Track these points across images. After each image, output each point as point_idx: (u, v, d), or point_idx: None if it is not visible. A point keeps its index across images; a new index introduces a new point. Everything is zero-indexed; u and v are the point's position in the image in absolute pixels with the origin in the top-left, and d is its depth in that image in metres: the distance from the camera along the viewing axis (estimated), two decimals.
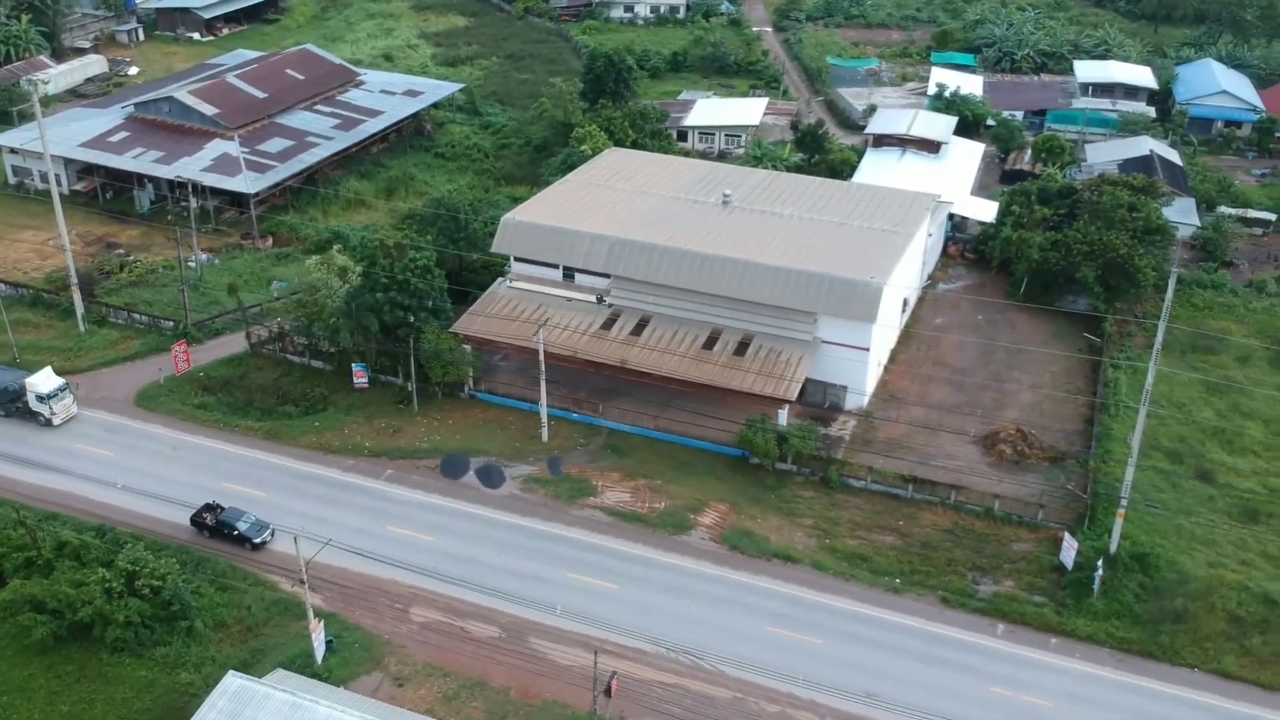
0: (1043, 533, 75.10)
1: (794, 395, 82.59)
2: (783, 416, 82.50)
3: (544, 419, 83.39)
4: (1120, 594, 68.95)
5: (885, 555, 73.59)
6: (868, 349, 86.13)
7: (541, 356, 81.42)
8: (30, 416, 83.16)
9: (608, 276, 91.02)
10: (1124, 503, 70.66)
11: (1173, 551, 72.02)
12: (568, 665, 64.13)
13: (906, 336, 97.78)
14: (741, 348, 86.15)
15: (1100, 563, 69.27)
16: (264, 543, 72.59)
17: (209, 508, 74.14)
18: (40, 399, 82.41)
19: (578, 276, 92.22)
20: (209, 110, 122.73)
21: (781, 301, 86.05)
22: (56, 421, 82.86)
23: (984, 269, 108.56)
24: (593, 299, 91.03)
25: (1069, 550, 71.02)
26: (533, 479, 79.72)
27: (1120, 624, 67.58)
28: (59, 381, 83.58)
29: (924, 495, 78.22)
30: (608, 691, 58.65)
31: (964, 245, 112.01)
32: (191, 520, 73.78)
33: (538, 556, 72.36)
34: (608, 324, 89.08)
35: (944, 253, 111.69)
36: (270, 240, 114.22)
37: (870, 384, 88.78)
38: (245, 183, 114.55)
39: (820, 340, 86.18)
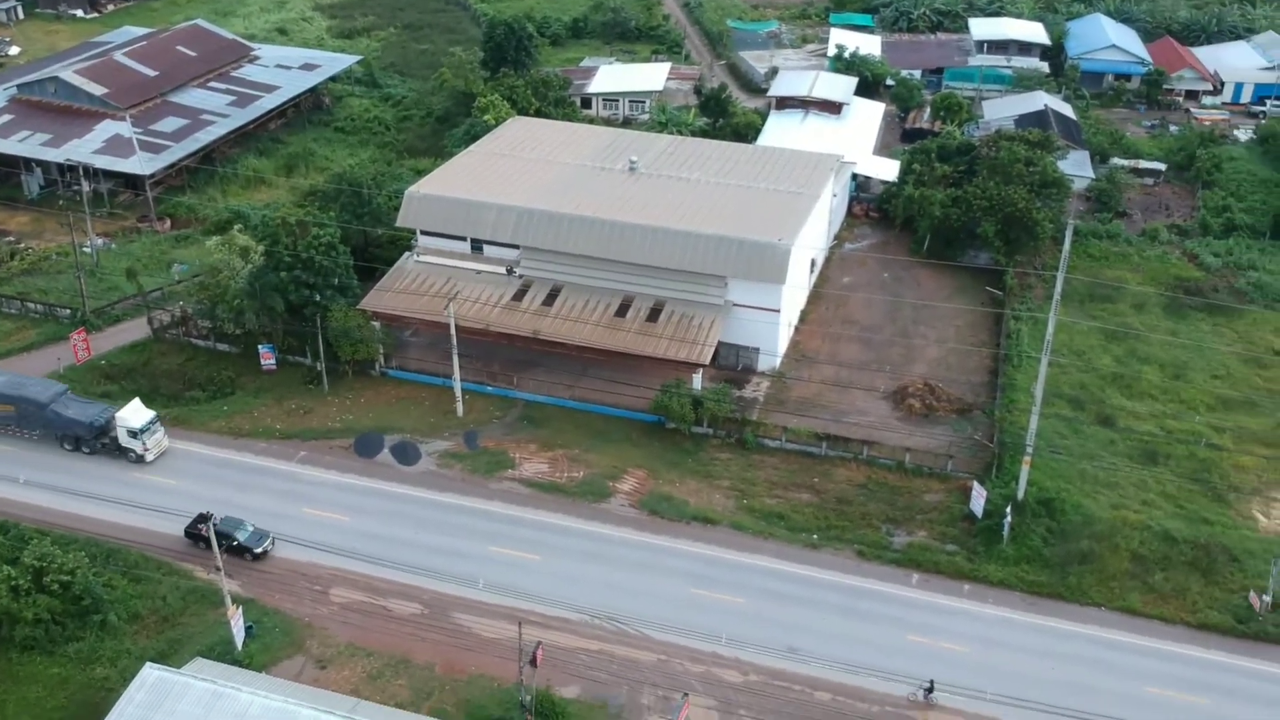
0: (953, 483, 76.95)
1: (707, 359, 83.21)
2: (697, 381, 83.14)
3: (458, 393, 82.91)
4: (1028, 539, 71.04)
5: (802, 512, 74.78)
6: (778, 310, 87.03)
7: (453, 330, 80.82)
8: (119, 452, 77.14)
9: (517, 248, 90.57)
10: (1029, 450, 72.66)
11: (1077, 495, 74.34)
12: (492, 638, 64.20)
13: (815, 296, 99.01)
14: (654, 314, 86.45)
15: (1008, 509, 71.26)
16: (265, 552, 69.76)
17: (203, 518, 69.78)
18: (132, 434, 76.36)
19: (486, 248, 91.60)
20: (97, 90, 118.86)
21: (691, 266, 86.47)
22: (150, 458, 76.98)
23: (888, 227, 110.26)
24: (502, 271, 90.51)
25: (978, 499, 72.92)
26: (449, 454, 79.31)
27: (1029, 568, 69.62)
28: (149, 414, 77.50)
29: (838, 452, 79.55)
30: (533, 661, 58.88)
31: (868, 205, 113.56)
32: (186, 532, 70.72)
33: (457, 532, 72.15)
34: (519, 295, 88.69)
35: (849, 213, 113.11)
36: (168, 222, 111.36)
37: (782, 345, 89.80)
38: (139, 164, 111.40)
39: (731, 304, 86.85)
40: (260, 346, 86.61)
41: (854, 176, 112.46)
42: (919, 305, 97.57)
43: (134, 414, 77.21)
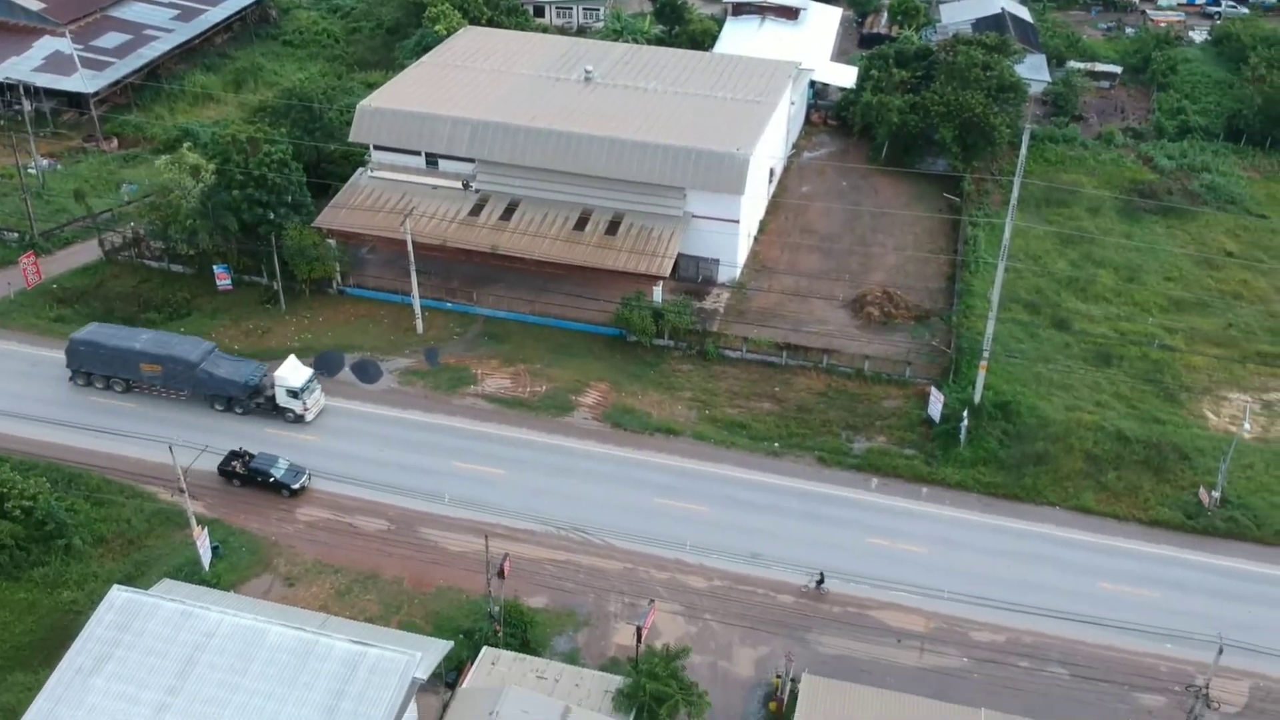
0: (911, 389, 77.93)
1: (667, 271, 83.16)
2: (657, 293, 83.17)
3: (417, 310, 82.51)
4: (985, 441, 72.29)
5: (763, 421, 75.57)
6: (737, 221, 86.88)
7: (410, 247, 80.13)
8: (275, 412, 73.93)
9: (472, 161, 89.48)
10: (986, 355, 73.59)
11: (1033, 398, 75.56)
12: (460, 552, 64.86)
13: (774, 206, 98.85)
14: (613, 227, 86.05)
15: (965, 413, 72.37)
16: (303, 488, 68.70)
17: (235, 455, 69.65)
18: (292, 394, 73.05)
19: (441, 163, 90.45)
20: (34, 5, 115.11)
21: (650, 178, 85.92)
22: (310, 417, 73.83)
23: (846, 135, 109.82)
24: (458, 185, 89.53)
25: (936, 404, 73.96)
26: (411, 371, 79.20)
27: (986, 470, 70.96)
28: (308, 372, 74.17)
29: (798, 361, 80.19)
30: (500, 573, 59.63)
31: (826, 112, 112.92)
32: (219, 470, 69.18)
33: (422, 448, 72.37)
34: (476, 210, 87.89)
35: (807, 120, 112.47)
36: (115, 142, 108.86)
37: (741, 256, 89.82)
38: (82, 82, 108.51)
39: (690, 215, 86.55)
40: (215, 267, 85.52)
41: (811, 84, 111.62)
42: (877, 213, 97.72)
43: (293, 372, 73.48)
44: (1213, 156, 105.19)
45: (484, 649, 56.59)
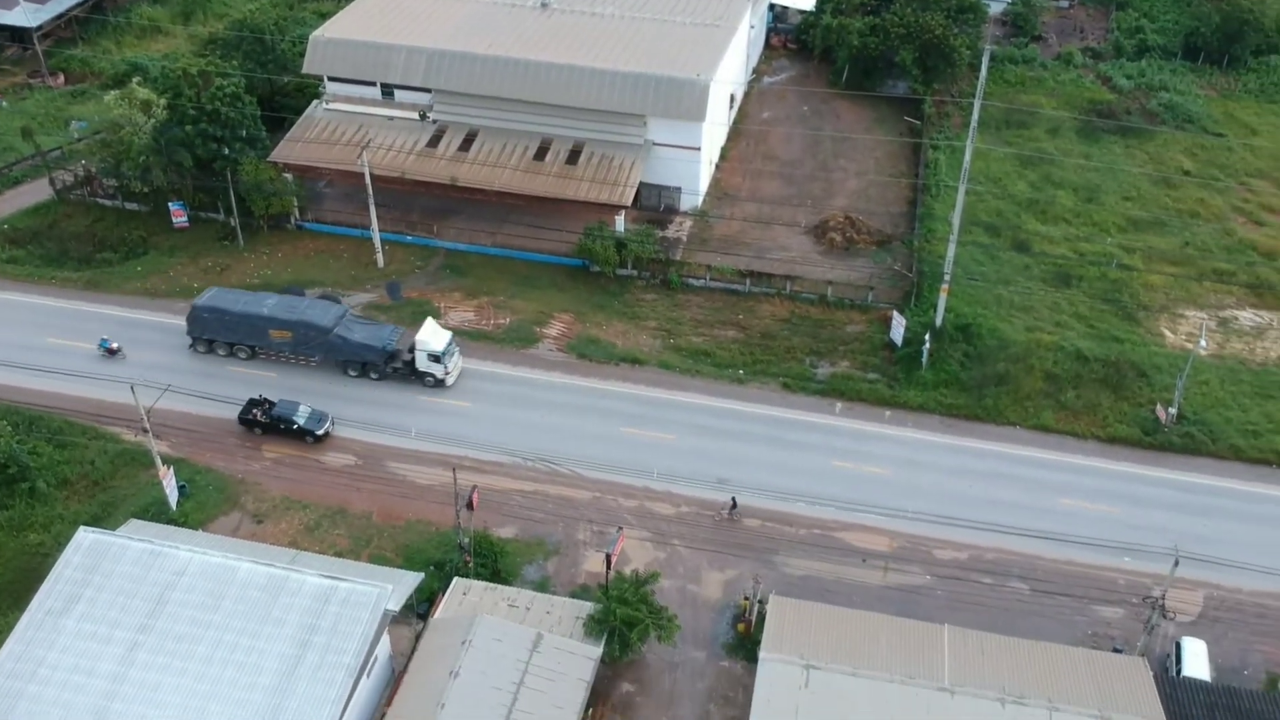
0: (873, 313, 78.39)
1: (629, 200, 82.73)
2: (619, 223, 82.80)
3: (377, 244, 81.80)
4: (946, 364, 73.05)
5: (728, 349, 75.90)
6: (699, 148, 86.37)
7: (368, 179, 79.21)
8: (415, 377, 71.42)
9: (429, 91, 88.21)
10: (947, 278, 74.01)
11: (993, 320, 76.27)
12: (428, 485, 65.10)
13: (735, 133, 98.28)
14: (573, 156, 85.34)
15: (927, 336, 73.01)
16: (326, 434, 67.76)
17: (255, 403, 68.50)
18: (434, 358, 70.53)
19: (397, 93, 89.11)
20: None
21: (610, 106, 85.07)
22: (450, 381, 71.44)
23: (807, 59, 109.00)
24: (415, 116, 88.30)
25: (898, 327, 74.51)
26: (373, 306, 78.70)
27: (948, 392, 71.77)
28: (447, 334, 71.63)
29: (761, 288, 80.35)
30: (469, 505, 59.96)
31: (786, 36, 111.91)
32: (240, 419, 68.38)
33: (386, 383, 72.17)
34: (434, 141, 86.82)
35: (766, 45, 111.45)
36: (62, 77, 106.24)
37: (703, 183, 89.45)
38: (24, 15, 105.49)
39: (651, 143, 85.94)
40: (170, 204, 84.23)
41: (771, 7, 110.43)
42: (839, 138, 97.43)
43: (434, 335, 70.96)
44: (1170, 75, 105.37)
45: (455, 580, 57.09)
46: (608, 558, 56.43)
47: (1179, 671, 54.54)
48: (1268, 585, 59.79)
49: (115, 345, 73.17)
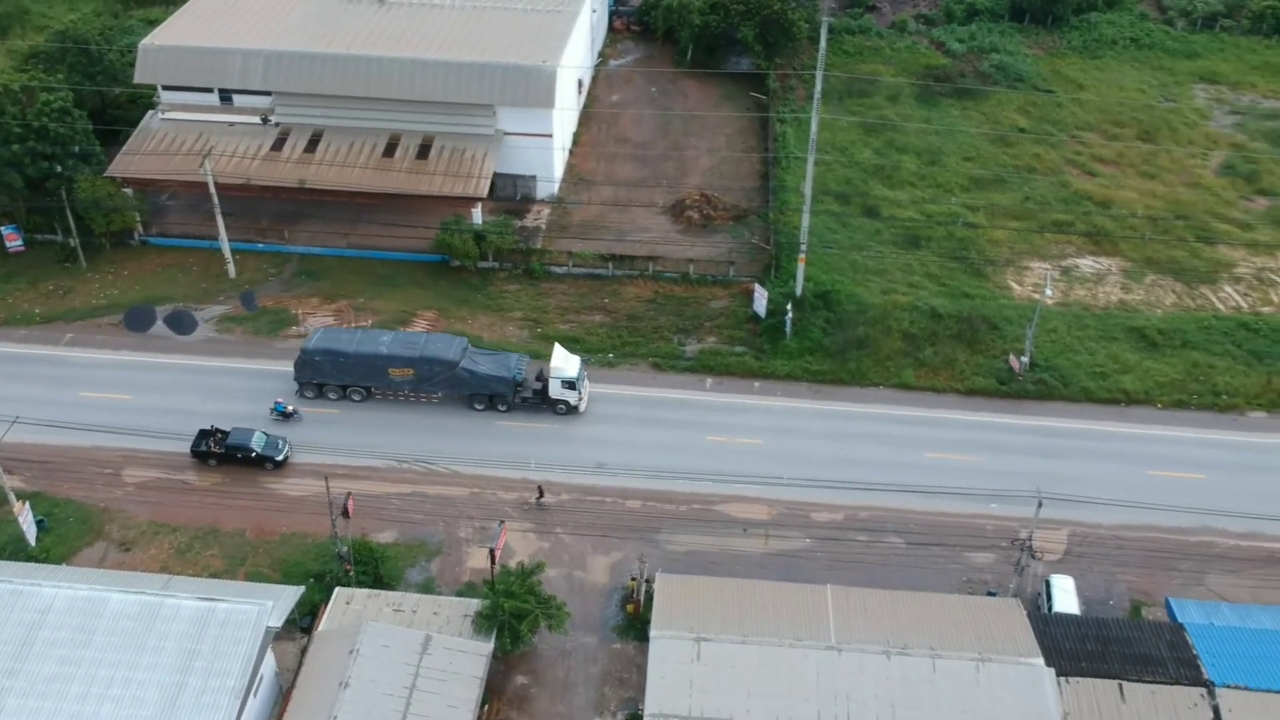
0: (736, 288, 79.56)
1: (484, 192, 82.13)
2: (477, 215, 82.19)
3: (227, 254, 79.49)
4: (810, 332, 74.62)
5: (596, 334, 76.10)
6: (551, 135, 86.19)
7: (212, 188, 76.86)
8: (546, 406, 68.84)
9: (269, 94, 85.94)
10: (803, 248, 75.53)
11: (850, 285, 78.16)
12: (301, 496, 63.73)
13: (586, 117, 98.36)
14: (424, 150, 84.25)
15: (789, 306, 74.44)
16: (286, 459, 65.32)
17: (206, 434, 65.26)
18: (568, 385, 68.15)
19: (236, 98, 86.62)
20: None
21: (458, 97, 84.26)
22: (582, 408, 69.00)
23: (651, 40, 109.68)
24: (257, 120, 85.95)
25: (760, 300, 75.79)
26: (228, 318, 76.57)
27: (813, 359, 73.33)
28: (578, 359, 69.16)
29: (624, 271, 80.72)
30: (345, 513, 58.83)
31: (628, 19, 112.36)
32: (193, 451, 65.57)
33: (249, 396, 70.26)
34: (278, 145, 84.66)
35: (610, 28, 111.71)
36: None
37: (558, 170, 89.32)
38: None
39: (502, 132, 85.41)
40: (3, 228, 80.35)
41: None
42: (688, 116, 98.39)
43: (566, 362, 68.44)
44: (1000, 37, 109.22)
45: (337, 590, 56.09)
46: (491, 552, 56.14)
47: (1050, 608, 56.93)
48: (1125, 518, 62.83)
49: (290, 408, 68.78)
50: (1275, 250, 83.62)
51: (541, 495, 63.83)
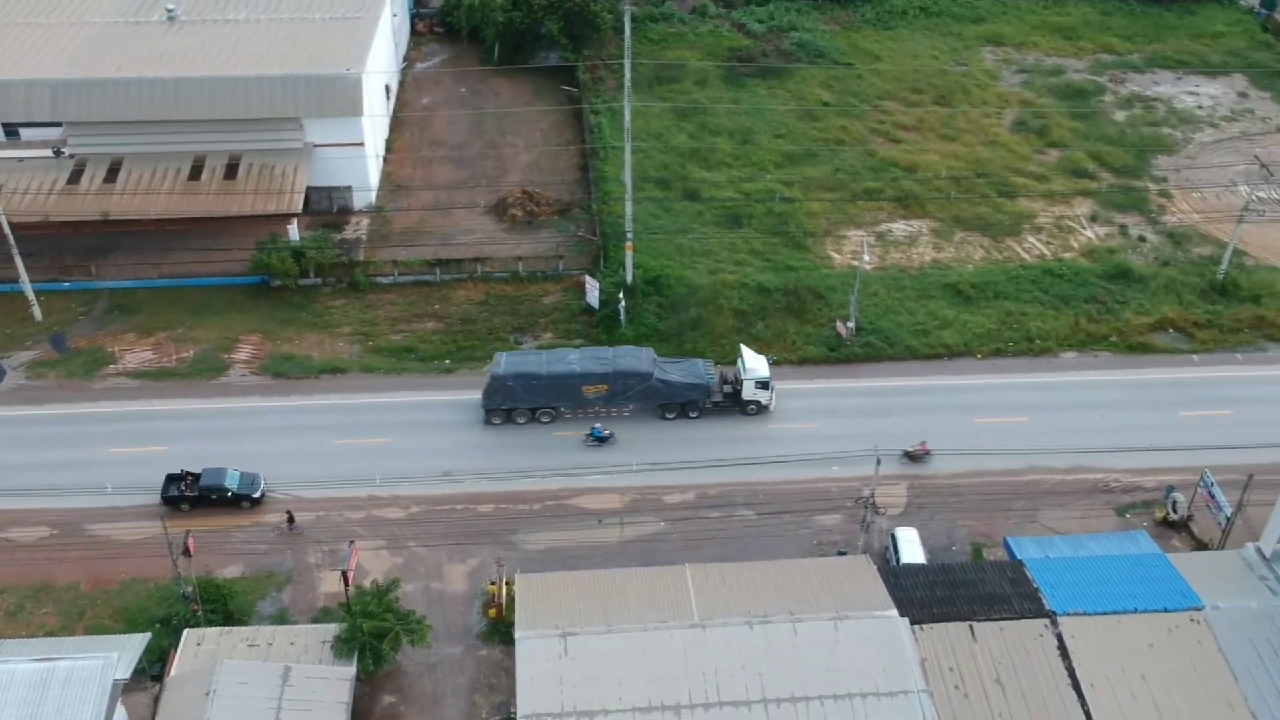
0: (567, 281, 79.67)
1: (299, 207, 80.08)
2: (293, 231, 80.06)
3: (30, 296, 75.43)
4: (644, 318, 75.39)
5: (430, 341, 75.15)
6: (362, 143, 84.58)
7: (6, 228, 72.76)
8: (738, 408, 68.78)
9: (59, 125, 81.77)
10: (629, 236, 76.22)
11: (679, 269, 79.25)
12: (137, 540, 61.04)
13: (397, 123, 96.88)
14: (231, 170, 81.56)
15: (621, 295, 74.98)
16: (263, 495, 63.20)
17: (175, 479, 62.36)
18: (761, 384, 68.11)
19: (23, 131, 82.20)
20: None
21: (262, 113, 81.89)
22: (773, 407, 68.70)
23: (456, 41, 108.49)
24: (49, 153, 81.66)
25: (592, 291, 76.13)
26: (38, 364, 72.72)
27: (649, 344, 73.78)
28: (764, 359, 69.45)
29: (453, 274, 79.93)
30: (186, 552, 56.71)
31: (430, 20, 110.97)
32: (163, 498, 62.58)
33: (69, 442, 66.92)
34: (74, 177, 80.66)
35: (413, 31, 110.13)
36: None
37: (374, 178, 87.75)
38: None
39: (312, 145, 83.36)
40: None
41: None
42: (501, 114, 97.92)
43: (757, 361, 69.04)
44: (797, 15, 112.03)
45: (186, 632, 54.06)
46: (344, 574, 54.95)
47: (898, 560, 59.09)
48: (958, 466, 65.61)
49: (607, 431, 68.14)
50: (1071, 199, 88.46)
51: (291, 521, 62.26)
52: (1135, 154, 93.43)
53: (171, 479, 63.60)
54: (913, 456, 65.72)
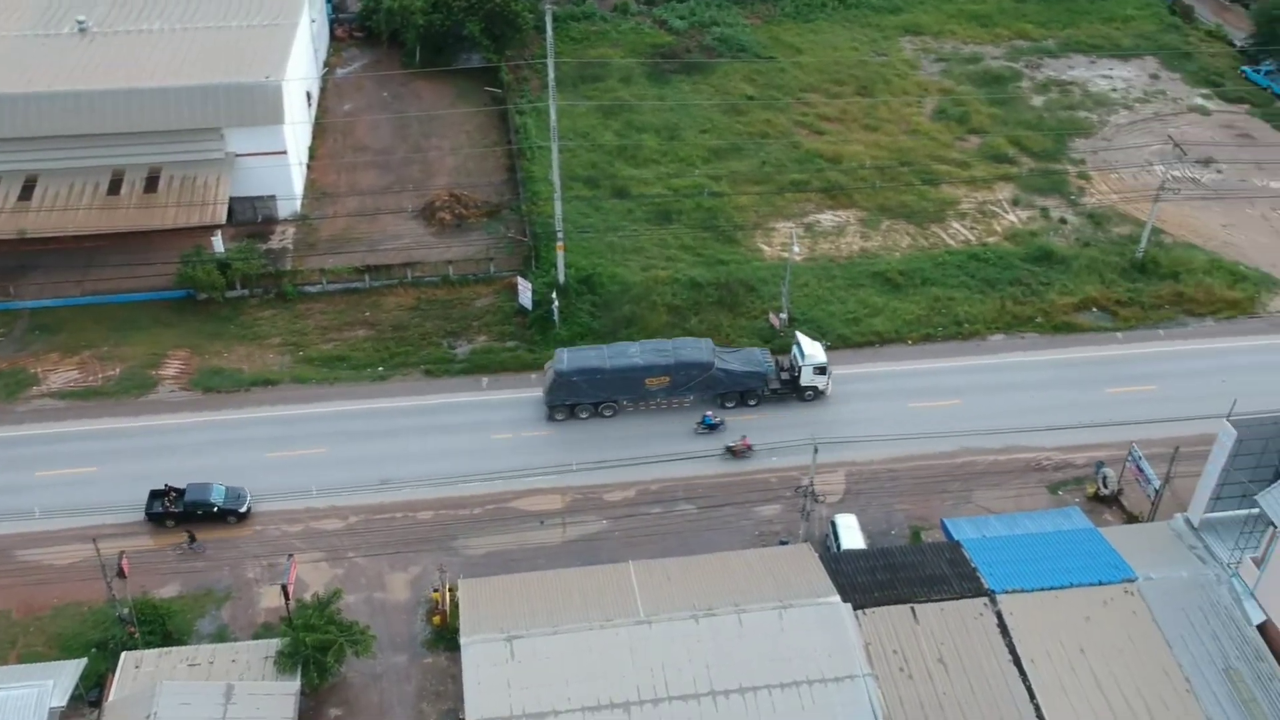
0: (498, 284, 79.34)
1: (222, 218, 78.87)
2: (218, 243, 78.79)
3: None
4: (578, 317, 75.31)
5: (362, 349, 74.40)
6: (285, 152, 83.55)
7: None
8: (795, 395, 69.44)
9: None
10: (560, 236, 76.07)
11: (611, 267, 79.27)
12: (69, 564, 59.67)
13: (319, 130, 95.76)
14: (151, 183, 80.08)
15: (554, 295, 74.83)
16: (250, 509, 62.25)
17: (158, 494, 61.04)
18: (819, 370, 68.69)
19: None
20: None
21: (180, 124, 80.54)
22: (829, 392, 69.43)
23: (376, 45, 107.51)
24: None
25: (525, 292, 75.89)
26: None
27: (584, 343, 73.75)
28: (819, 344, 70.08)
29: (382, 281, 79.22)
30: (120, 573, 55.61)
31: (350, 25, 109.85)
32: (148, 515, 61.45)
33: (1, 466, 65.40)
34: None
35: (332, 36, 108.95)
36: None
37: (298, 187, 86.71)
38: None
39: (233, 155, 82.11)
40: None
41: None
42: (425, 118, 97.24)
43: (813, 347, 69.76)
44: (718, 10, 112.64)
45: (123, 655, 52.88)
46: (284, 588, 54.25)
47: (838, 546, 59.66)
48: (893, 451, 66.45)
49: (718, 419, 68.54)
50: (992, 184, 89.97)
51: (193, 540, 61.41)
52: (1053, 138, 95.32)
53: (155, 494, 62.50)
54: (735, 452, 66.38)
